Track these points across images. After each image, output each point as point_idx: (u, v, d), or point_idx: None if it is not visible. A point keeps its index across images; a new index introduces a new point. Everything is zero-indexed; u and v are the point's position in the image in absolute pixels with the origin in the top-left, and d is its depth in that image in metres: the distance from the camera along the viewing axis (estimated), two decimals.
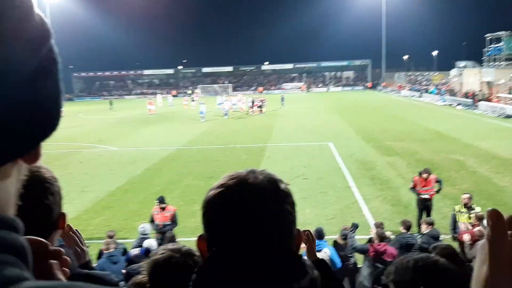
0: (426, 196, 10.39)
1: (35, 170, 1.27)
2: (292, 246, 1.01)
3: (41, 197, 1.25)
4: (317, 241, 6.98)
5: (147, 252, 6.54)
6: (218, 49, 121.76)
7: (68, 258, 1.35)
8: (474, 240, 7.32)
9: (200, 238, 1.01)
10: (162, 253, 1.94)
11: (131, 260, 6.76)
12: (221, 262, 0.95)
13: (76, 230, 2.61)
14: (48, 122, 0.56)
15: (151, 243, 7.21)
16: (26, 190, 1.17)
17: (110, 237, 7.65)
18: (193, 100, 51.66)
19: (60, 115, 0.60)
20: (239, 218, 0.95)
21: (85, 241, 5.94)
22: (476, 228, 7.72)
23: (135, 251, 7.12)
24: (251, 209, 0.95)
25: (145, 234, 8.10)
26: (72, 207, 12.87)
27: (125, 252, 7.43)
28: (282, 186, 1.01)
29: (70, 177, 17.05)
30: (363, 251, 7.38)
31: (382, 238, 7.19)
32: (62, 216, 1.32)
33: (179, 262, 1.89)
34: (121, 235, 10.24)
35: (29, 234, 1.15)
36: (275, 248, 0.95)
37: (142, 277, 1.98)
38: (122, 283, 1.60)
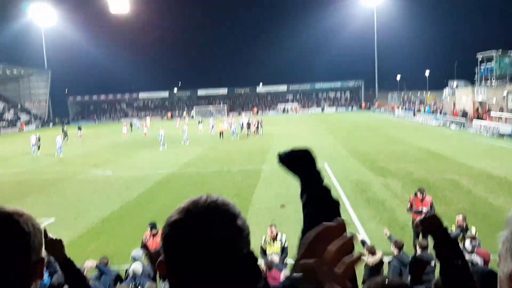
0: (423, 215, 10.30)
1: (14, 220, 1.19)
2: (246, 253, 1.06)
3: (25, 253, 1.19)
4: None
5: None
6: (213, 71, 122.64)
7: None
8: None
9: (160, 262, 1.06)
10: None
11: None
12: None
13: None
14: None
15: (136, 267, 7.16)
16: (7, 246, 1.14)
17: (104, 264, 7.56)
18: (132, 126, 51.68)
19: None
20: (192, 251, 0.99)
21: (80, 266, 5.86)
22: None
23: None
24: (202, 242, 0.99)
25: (136, 260, 8.01)
26: (67, 233, 12.73)
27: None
28: (229, 207, 1.08)
29: (65, 202, 16.95)
30: None
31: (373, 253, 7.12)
32: (41, 262, 1.25)
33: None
34: (116, 261, 10.13)
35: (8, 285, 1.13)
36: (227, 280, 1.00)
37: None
38: None
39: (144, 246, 9.15)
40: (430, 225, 2.26)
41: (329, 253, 0.74)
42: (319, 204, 1.49)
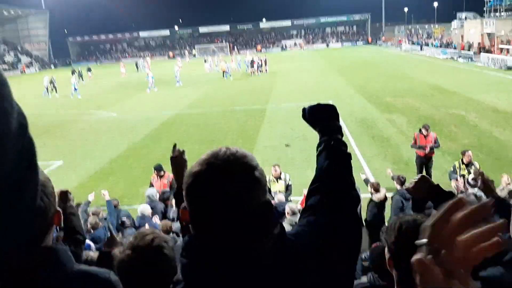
0: (427, 150, 10.32)
1: None
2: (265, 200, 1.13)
3: (40, 205, 1.24)
4: None
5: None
6: (214, 7, 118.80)
7: None
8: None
9: (183, 209, 1.13)
10: (127, 253, 1.93)
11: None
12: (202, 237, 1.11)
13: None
14: None
15: (144, 208, 7.31)
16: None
17: (114, 206, 7.71)
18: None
19: None
20: (211, 205, 1.07)
21: (89, 208, 5.98)
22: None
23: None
24: (221, 196, 1.06)
25: (152, 199, 8.18)
26: (75, 175, 13.00)
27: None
28: (255, 172, 1.12)
29: (72, 144, 17.12)
30: None
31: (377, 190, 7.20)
32: (58, 214, 1.31)
33: (144, 261, 1.90)
34: (124, 202, 10.38)
35: (28, 233, 1.17)
36: (248, 228, 1.08)
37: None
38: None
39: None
40: (422, 187, 2.22)
41: (467, 237, 0.67)
42: (332, 156, 1.51)
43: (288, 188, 8.74)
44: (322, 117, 1.62)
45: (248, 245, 1.08)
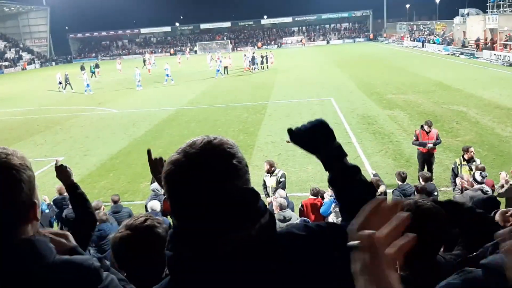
0: (430, 146, 10.28)
1: (2, 160, 1.20)
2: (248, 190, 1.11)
3: (12, 187, 1.20)
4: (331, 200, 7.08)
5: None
6: (216, 4, 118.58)
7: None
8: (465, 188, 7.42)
9: (165, 200, 1.15)
10: (121, 232, 2.04)
11: None
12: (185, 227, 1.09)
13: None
14: None
15: (154, 204, 7.30)
16: None
17: (115, 201, 7.71)
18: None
19: None
20: (186, 192, 1.05)
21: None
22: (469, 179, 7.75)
23: None
24: (196, 184, 1.04)
25: (157, 192, 8.17)
26: (76, 171, 12.94)
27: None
28: (225, 146, 1.10)
29: (72, 141, 17.11)
30: None
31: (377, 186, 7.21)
32: (34, 206, 1.27)
33: (137, 239, 1.98)
34: (125, 198, 10.38)
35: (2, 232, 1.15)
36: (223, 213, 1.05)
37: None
38: (108, 263, 1.60)
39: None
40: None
41: (383, 231, 0.77)
42: (343, 185, 1.46)
43: (278, 183, 8.75)
44: (317, 142, 1.45)
45: (230, 234, 1.04)
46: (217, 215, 1.04)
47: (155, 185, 8.44)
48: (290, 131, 1.49)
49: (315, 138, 1.45)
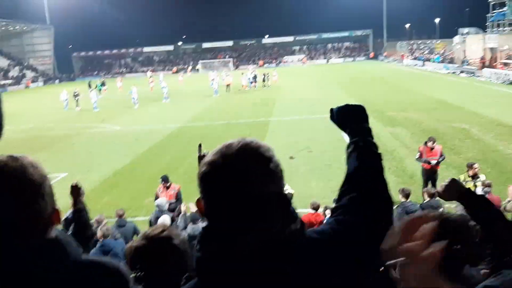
0: (435, 163, 10.30)
1: (21, 171, 1.18)
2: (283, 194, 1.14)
3: (31, 203, 1.19)
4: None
5: None
6: (218, 23, 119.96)
7: None
8: None
9: (198, 200, 1.15)
10: (138, 241, 2.07)
11: None
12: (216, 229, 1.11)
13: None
14: None
15: (165, 219, 7.29)
16: (16, 196, 1.16)
17: (120, 215, 7.71)
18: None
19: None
20: (224, 192, 1.07)
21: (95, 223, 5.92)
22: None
23: None
24: (236, 181, 1.06)
25: (162, 208, 8.18)
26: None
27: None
28: (267, 155, 1.12)
29: (76, 157, 17.15)
30: None
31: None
32: (56, 212, 1.28)
33: (153, 250, 2.00)
34: (129, 214, 10.34)
35: (24, 234, 1.16)
36: (267, 203, 1.07)
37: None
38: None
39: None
40: (453, 191, 2.21)
41: (416, 239, 0.81)
42: (362, 157, 1.46)
43: None
44: (350, 119, 1.57)
45: (260, 236, 1.06)
46: (250, 217, 1.06)
47: (159, 200, 8.46)
48: (332, 109, 1.63)
49: (349, 115, 1.58)
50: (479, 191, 7.45)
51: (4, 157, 1.20)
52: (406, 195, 8.01)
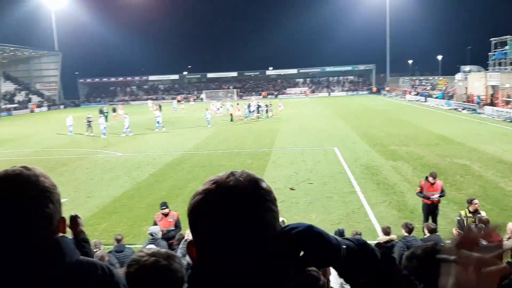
0: (435, 197, 10.28)
1: (35, 179, 1.30)
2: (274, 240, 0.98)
3: (42, 207, 1.28)
4: None
5: None
6: (223, 55, 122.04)
7: None
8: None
9: (189, 244, 1.02)
10: (147, 258, 1.99)
11: None
12: (208, 267, 0.97)
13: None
14: None
15: (161, 246, 7.23)
16: (28, 200, 1.25)
17: (118, 240, 7.69)
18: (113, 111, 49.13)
19: None
20: (221, 222, 0.94)
21: (91, 247, 5.92)
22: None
23: None
24: (232, 212, 0.94)
25: (155, 236, 8.11)
26: (79, 212, 12.85)
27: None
28: (263, 185, 1.00)
29: (76, 182, 17.14)
30: None
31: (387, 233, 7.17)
32: (62, 220, 1.37)
33: (165, 265, 1.96)
34: (127, 240, 10.26)
35: (32, 239, 1.23)
36: (259, 245, 0.95)
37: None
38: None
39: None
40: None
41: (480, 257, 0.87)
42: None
43: None
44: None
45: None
46: (246, 256, 0.95)
47: (153, 228, 8.38)
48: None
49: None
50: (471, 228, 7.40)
51: (18, 167, 1.33)
52: (410, 230, 7.97)
